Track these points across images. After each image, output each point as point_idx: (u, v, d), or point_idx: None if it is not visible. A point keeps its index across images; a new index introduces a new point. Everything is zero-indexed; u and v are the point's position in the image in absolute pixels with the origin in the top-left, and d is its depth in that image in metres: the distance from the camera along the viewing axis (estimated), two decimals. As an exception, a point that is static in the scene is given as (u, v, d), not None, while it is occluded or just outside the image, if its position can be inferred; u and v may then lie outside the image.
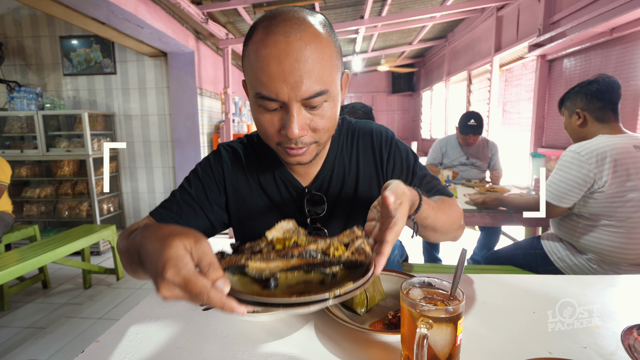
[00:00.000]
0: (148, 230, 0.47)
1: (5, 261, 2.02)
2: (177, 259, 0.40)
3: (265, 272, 0.49)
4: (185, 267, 0.39)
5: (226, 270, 0.49)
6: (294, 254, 0.50)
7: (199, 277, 0.39)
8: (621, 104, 1.38)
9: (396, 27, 4.61)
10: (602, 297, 0.72)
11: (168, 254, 0.40)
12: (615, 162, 1.23)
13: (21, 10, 3.76)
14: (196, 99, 3.78)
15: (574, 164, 1.29)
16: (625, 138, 1.29)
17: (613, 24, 2.23)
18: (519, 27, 3.49)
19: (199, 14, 3.28)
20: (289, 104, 0.58)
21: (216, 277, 0.40)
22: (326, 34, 0.60)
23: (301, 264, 0.50)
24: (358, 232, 0.55)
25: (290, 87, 0.56)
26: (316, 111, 0.61)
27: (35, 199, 3.69)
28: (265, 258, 0.49)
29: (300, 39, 0.56)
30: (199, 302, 0.40)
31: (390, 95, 8.49)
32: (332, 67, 0.60)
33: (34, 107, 3.45)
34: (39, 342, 1.99)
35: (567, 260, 1.41)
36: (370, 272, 0.48)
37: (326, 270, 0.51)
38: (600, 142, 1.28)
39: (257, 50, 0.58)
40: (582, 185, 1.28)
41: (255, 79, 0.59)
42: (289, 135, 0.60)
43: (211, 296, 0.39)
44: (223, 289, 0.40)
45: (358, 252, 0.51)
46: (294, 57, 0.56)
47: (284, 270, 0.50)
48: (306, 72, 0.56)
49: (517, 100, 3.76)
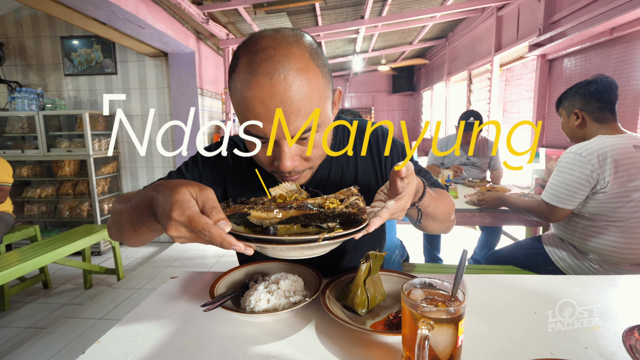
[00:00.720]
0: (158, 185, 0.51)
1: (6, 261, 2.02)
2: (183, 201, 0.44)
3: (266, 222, 0.52)
4: (190, 209, 0.44)
5: (230, 217, 0.53)
6: (292, 205, 0.54)
7: (202, 216, 0.43)
8: (622, 103, 1.38)
9: (396, 27, 4.61)
10: (603, 297, 0.71)
11: (175, 198, 0.45)
12: (616, 162, 1.23)
13: (22, 10, 3.77)
14: (197, 99, 3.79)
15: (576, 165, 1.28)
16: (625, 138, 1.28)
17: (613, 24, 2.22)
18: (519, 27, 3.49)
19: (199, 14, 3.28)
20: (278, 141, 0.60)
21: (218, 218, 0.45)
22: (313, 64, 0.58)
23: (298, 215, 0.53)
24: (354, 190, 0.60)
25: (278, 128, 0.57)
26: (307, 143, 0.62)
27: (36, 199, 3.69)
28: (266, 208, 0.53)
29: (285, 79, 0.54)
30: (202, 239, 0.44)
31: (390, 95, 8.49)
32: (320, 100, 0.59)
33: (35, 107, 3.45)
34: (40, 343, 1.99)
35: (568, 260, 1.41)
36: (361, 227, 0.51)
37: (323, 224, 0.55)
38: (600, 142, 1.27)
39: (242, 90, 0.57)
40: (586, 185, 1.27)
41: (242, 117, 0.59)
42: (281, 169, 0.62)
43: (212, 232, 0.42)
44: (224, 227, 0.44)
45: (352, 207, 0.54)
46: (279, 100, 0.55)
47: (283, 222, 0.53)
48: (293, 113, 0.56)
49: (517, 99, 3.76)
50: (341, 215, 0.53)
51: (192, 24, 3.60)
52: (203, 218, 0.43)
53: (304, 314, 0.66)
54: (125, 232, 0.62)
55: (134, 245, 0.67)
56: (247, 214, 0.53)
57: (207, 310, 0.64)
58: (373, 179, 0.82)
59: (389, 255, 1.34)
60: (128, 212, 0.57)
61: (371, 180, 0.82)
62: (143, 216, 0.53)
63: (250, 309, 0.63)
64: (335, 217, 0.54)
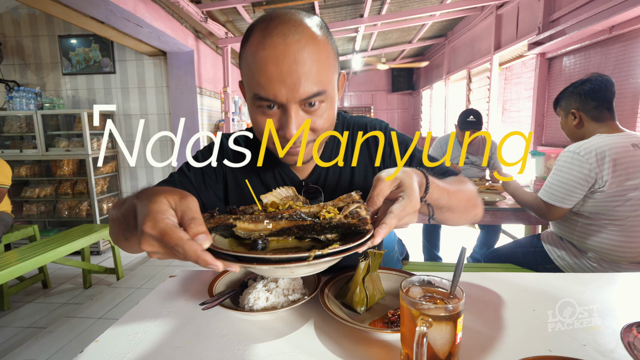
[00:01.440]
0: (142, 192, 0.48)
1: (5, 261, 2.02)
2: (157, 212, 0.40)
3: (255, 234, 0.47)
4: (164, 220, 0.39)
5: (215, 230, 0.48)
6: (283, 215, 0.49)
7: (176, 230, 0.39)
8: (621, 102, 1.38)
9: (396, 25, 4.61)
10: (601, 295, 0.72)
11: (150, 208, 0.41)
12: (615, 161, 1.22)
13: (20, 9, 3.75)
14: (196, 98, 3.78)
15: (573, 164, 1.28)
16: (623, 137, 1.28)
17: (612, 22, 2.22)
18: (518, 25, 3.49)
19: (198, 12, 3.27)
20: (287, 105, 0.59)
21: (197, 231, 0.40)
22: (323, 36, 0.60)
23: (290, 227, 0.48)
24: (355, 196, 0.53)
25: (288, 89, 0.57)
26: (314, 112, 0.62)
27: (34, 199, 3.68)
28: (254, 219, 0.48)
29: (298, 41, 0.57)
30: (177, 255, 0.39)
31: (390, 94, 8.48)
32: (329, 69, 0.61)
33: (33, 107, 3.44)
34: (39, 342, 1.99)
35: (567, 259, 1.41)
36: (364, 240, 0.45)
37: (320, 237, 0.49)
38: (598, 141, 1.27)
39: (255, 52, 0.58)
40: (584, 185, 1.27)
41: (253, 81, 0.59)
42: (286, 135, 0.61)
43: (186, 248, 0.38)
44: (202, 243, 0.39)
45: (352, 216, 0.48)
46: (292, 59, 0.56)
47: (274, 234, 0.48)
48: (304, 74, 0.57)
49: (516, 98, 3.76)
50: (340, 226, 0.47)
51: (190, 22, 3.59)
52: (177, 232, 0.38)
53: (303, 312, 0.66)
54: (120, 241, 0.60)
55: (132, 252, 0.64)
56: (232, 225, 0.47)
57: (206, 308, 0.64)
58: (370, 173, 0.81)
59: (388, 253, 1.34)
60: (118, 221, 0.55)
61: (368, 175, 0.81)
62: (130, 226, 0.50)
63: (249, 308, 0.62)
64: (333, 228, 0.48)
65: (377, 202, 0.52)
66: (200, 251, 0.38)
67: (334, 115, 0.67)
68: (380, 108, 8.56)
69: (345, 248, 0.43)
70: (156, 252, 0.41)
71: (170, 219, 0.40)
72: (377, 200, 0.52)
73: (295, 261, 0.42)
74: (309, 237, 0.50)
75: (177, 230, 0.39)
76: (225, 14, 3.90)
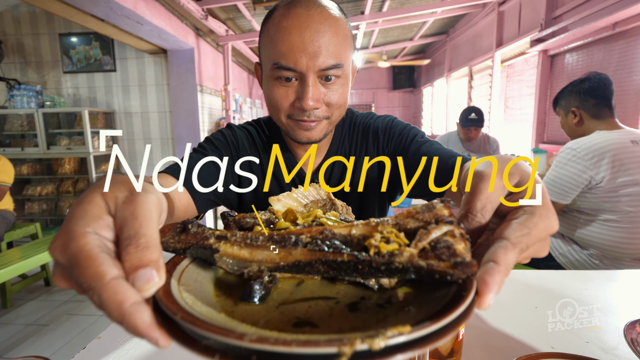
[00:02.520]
0: (98, 179, 0.30)
1: (8, 259, 2.03)
2: (77, 224, 0.23)
3: (252, 267, 0.27)
4: (82, 239, 0.22)
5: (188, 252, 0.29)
6: (300, 239, 0.27)
7: (98, 257, 0.21)
8: (624, 98, 1.39)
9: (397, 22, 4.59)
10: (603, 292, 0.71)
11: (72, 214, 0.24)
12: (613, 157, 1.24)
13: (20, 7, 3.75)
14: (196, 96, 3.78)
15: (571, 160, 1.30)
16: (622, 133, 1.30)
17: (615, 19, 2.21)
18: (520, 22, 3.47)
19: (198, 10, 3.26)
20: (305, 74, 0.60)
21: (137, 261, 0.21)
22: (342, 16, 0.64)
23: (311, 260, 0.26)
24: (443, 211, 0.27)
25: (308, 57, 0.59)
26: (330, 86, 0.63)
27: (36, 197, 3.69)
28: (251, 241, 0.28)
29: (320, 13, 0.60)
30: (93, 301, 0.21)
31: (391, 92, 8.46)
32: (346, 46, 0.63)
33: (34, 105, 3.45)
34: (42, 339, 2.00)
35: (569, 256, 1.41)
36: (465, 304, 0.22)
37: (370, 282, 0.27)
38: (597, 138, 1.29)
39: (279, 22, 0.61)
40: (580, 182, 1.29)
41: (274, 50, 0.61)
42: (303, 105, 0.61)
43: (104, 297, 0.20)
44: (143, 286, 0.21)
45: (437, 253, 0.24)
46: (314, 29, 0.59)
47: (285, 269, 0.27)
48: (324, 44, 0.59)
49: (518, 96, 3.75)
50: (412, 271, 0.24)
51: (191, 20, 3.58)
52: (97, 262, 0.21)
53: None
54: None
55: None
56: (214, 249, 0.28)
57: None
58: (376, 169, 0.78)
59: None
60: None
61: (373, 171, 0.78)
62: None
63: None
64: (395, 272, 0.25)
65: (482, 222, 0.29)
66: (129, 306, 0.20)
67: (347, 95, 0.68)
68: (382, 106, 8.55)
69: (421, 335, 0.19)
70: (68, 285, 0.24)
71: (98, 235, 0.23)
72: (482, 219, 0.29)
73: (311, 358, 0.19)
74: (346, 278, 0.28)
75: (98, 259, 0.21)
76: (225, 12, 3.89)
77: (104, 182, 0.27)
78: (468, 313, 0.22)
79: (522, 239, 0.26)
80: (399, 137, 0.76)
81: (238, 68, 5.25)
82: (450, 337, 0.23)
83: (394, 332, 0.18)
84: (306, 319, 0.24)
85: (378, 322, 0.23)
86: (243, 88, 5.56)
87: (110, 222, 0.24)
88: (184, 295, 0.24)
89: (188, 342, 0.20)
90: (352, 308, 0.25)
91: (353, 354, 0.18)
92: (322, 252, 0.26)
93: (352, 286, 0.28)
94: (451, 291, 0.24)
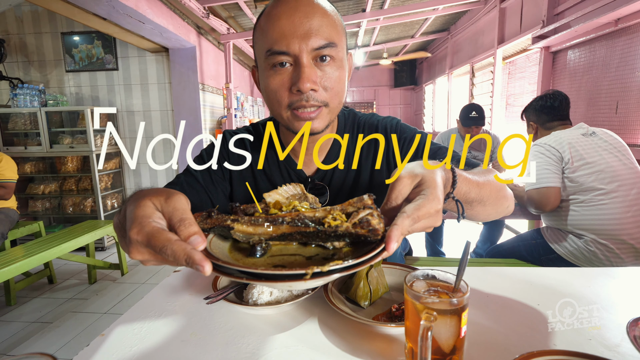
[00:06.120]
0: (132, 196, 0.45)
1: (11, 257, 2.04)
2: (143, 217, 0.38)
3: (254, 238, 0.44)
4: (150, 224, 0.37)
5: (212, 230, 0.46)
6: (285, 220, 0.44)
7: (164, 232, 0.36)
8: (626, 95, 1.50)
9: (398, 19, 4.57)
10: (606, 288, 0.71)
11: (135, 214, 0.38)
12: (570, 146, 1.46)
13: (23, 6, 3.76)
14: (198, 95, 3.78)
15: (540, 151, 1.51)
16: (574, 129, 1.53)
17: (618, 15, 2.19)
18: (522, 19, 3.45)
19: (200, 8, 3.26)
20: (299, 56, 0.61)
21: (189, 232, 0.37)
22: (331, 7, 0.66)
23: (292, 232, 0.44)
24: (367, 201, 0.46)
25: (300, 39, 0.60)
26: (325, 67, 0.64)
27: (39, 195, 3.71)
28: (254, 222, 0.44)
29: (309, 1, 0.62)
30: (167, 259, 0.36)
31: (392, 89, 8.44)
32: (337, 28, 0.65)
33: (37, 104, 3.46)
34: (46, 337, 2.02)
35: (567, 247, 1.47)
36: (374, 253, 0.40)
37: (326, 244, 0.44)
38: (555, 135, 1.52)
39: (269, 13, 0.63)
40: (555, 161, 1.47)
41: (266, 39, 0.62)
42: (300, 86, 0.61)
43: (174, 249, 0.35)
44: (196, 245, 0.36)
45: (361, 225, 0.42)
46: (303, 12, 0.61)
47: (276, 239, 0.44)
48: (315, 25, 0.61)
49: (520, 93, 3.73)
50: (347, 236, 0.43)
51: (192, 18, 3.58)
52: (164, 234, 0.36)
53: (307, 307, 0.66)
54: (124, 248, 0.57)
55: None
56: (230, 227, 0.44)
57: (210, 303, 0.64)
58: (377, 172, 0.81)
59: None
60: (118, 229, 0.51)
61: (374, 174, 0.80)
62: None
63: (253, 302, 0.63)
64: (339, 237, 0.44)
65: (395, 206, 0.46)
66: (190, 249, 0.35)
67: (344, 81, 0.68)
68: (383, 103, 8.53)
69: (348, 265, 0.38)
70: (147, 259, 0.39)
71: (158, 222, 0.38)
72: (395, 204, 0.46)
73: (289, 279, 0.37)
74: (313, 243, 0.46)
75: (164, 233, 0.36)
76: (227, 10, 3.89)
77: (144, 191, 0.43)
78: (378, 255, 0.40)
79: (414, 212, 0.42)
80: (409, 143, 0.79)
81: (240, 66, 5.25)
82: (365, 267, 0.48)
83: (336, 263, 0.38)
84: (281, 264, 0.43)
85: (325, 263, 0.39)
86: (245, 86, 5.56)
87: (161, 215, 0.40)
88: (214, 252, 0.44)
89: (217, 270, 0.39)
90: (309, 259, 0.44)
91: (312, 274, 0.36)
92: (297, 227, 0.44)
93: (317, 248, 0.46)
94: (371, 248, 0.42)
